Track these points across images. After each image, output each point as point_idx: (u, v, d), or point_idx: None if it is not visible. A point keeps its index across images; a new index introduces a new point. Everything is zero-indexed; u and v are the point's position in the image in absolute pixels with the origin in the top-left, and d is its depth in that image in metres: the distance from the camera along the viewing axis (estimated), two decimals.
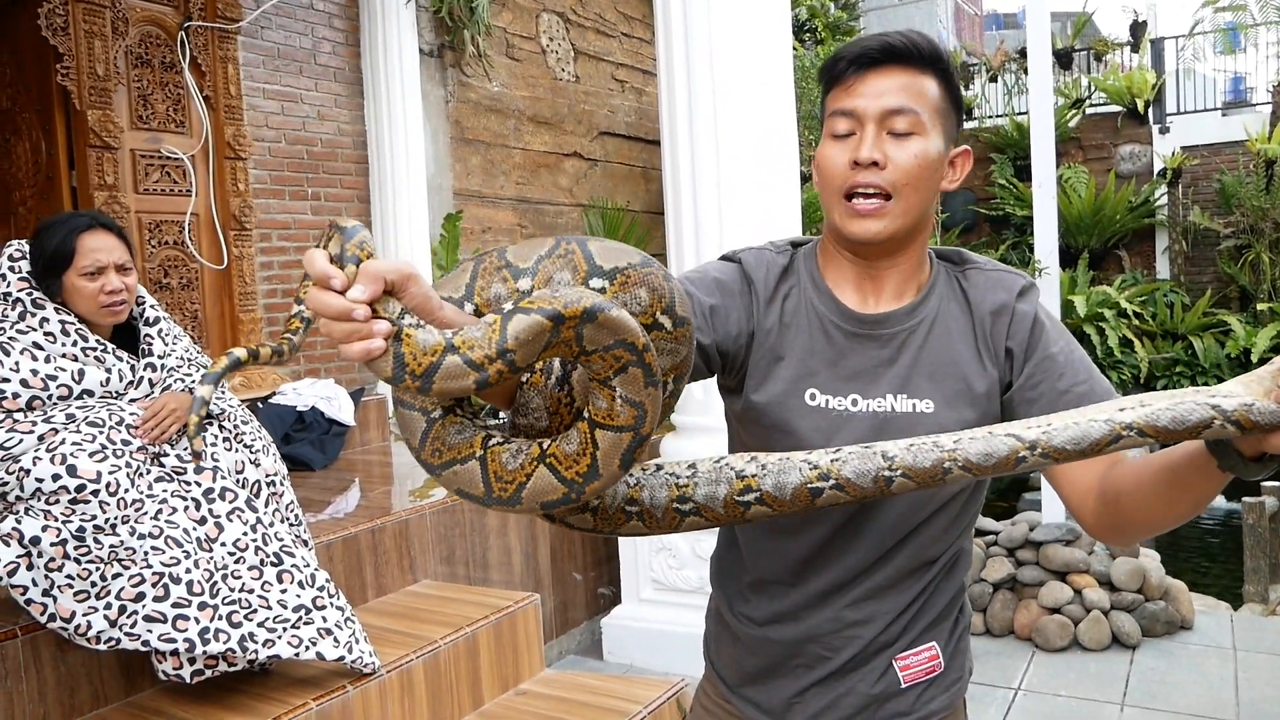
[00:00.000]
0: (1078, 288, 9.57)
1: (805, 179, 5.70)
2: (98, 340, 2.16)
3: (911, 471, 0.92)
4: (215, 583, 2.04)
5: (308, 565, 2.21)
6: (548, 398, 0.94)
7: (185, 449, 2.16)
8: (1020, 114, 10.56)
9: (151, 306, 2.30)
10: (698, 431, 3.34)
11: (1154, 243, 10.28)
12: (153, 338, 2.26)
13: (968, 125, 11.29)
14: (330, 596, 2.21)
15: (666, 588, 3.43)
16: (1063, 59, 11.02)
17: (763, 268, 1.20)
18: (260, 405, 3.86)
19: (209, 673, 2.05)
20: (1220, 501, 7.88)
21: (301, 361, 4.73)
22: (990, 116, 11.32)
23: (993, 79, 11.35)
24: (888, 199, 1.10)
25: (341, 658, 2.15)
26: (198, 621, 1.98)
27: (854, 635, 1.19)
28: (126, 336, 2.26)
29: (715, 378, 1.21)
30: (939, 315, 1.16)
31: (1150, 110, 10.32)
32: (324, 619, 2.17)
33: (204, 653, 1.98)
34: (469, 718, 2.46)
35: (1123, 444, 0.88)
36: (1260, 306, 9.32)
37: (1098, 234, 10.07)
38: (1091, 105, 10.76)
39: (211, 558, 2.06)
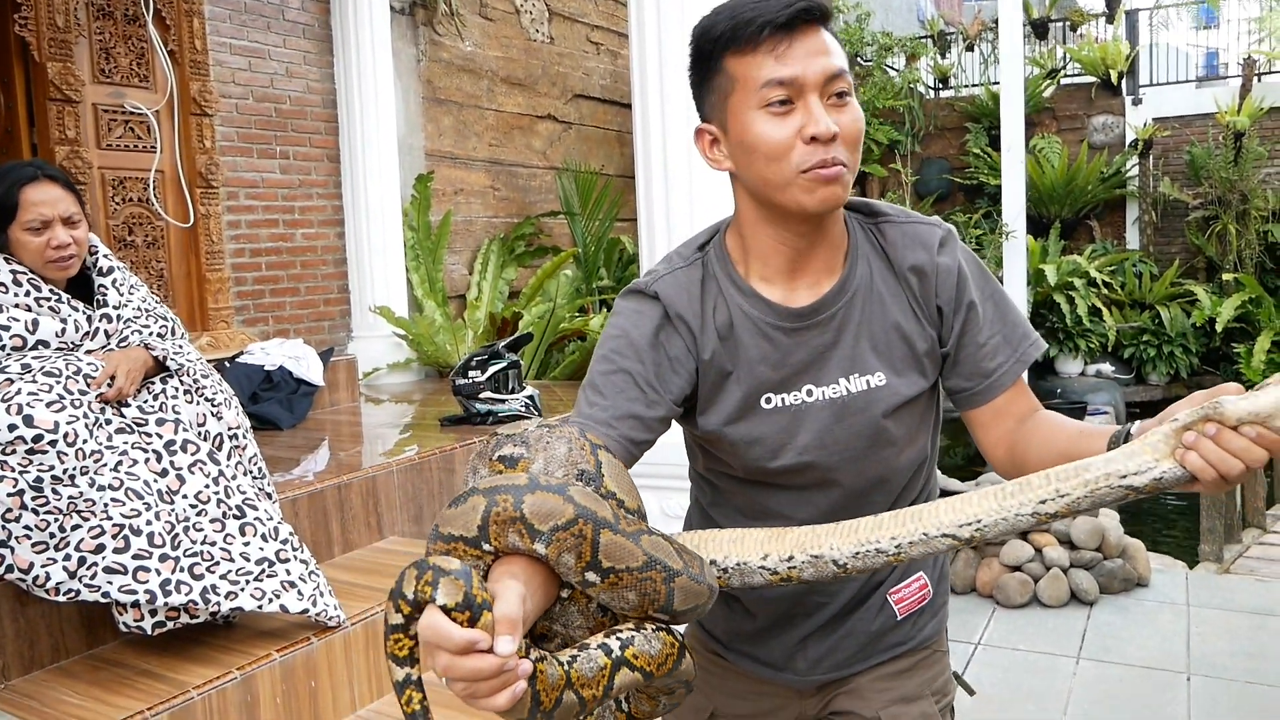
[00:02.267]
0: (1049, 257, 9.65)
1: None
2: (51, 290, 2.13)
3: (863, 570, 0.98)
4: (177, 535, 2.03)
5: (271, 518, 2.21)
6: (589, 617, 0.95)
7: (145, 400, 2.14)
8: (996, 84, 10.56)
9: (105, 256, 2.26)
10: None
11: (1124, 213, 10.37)
12: (107, 288, 2.23)
13: (944, 94, 11.29)
14: (294, 550, 2.22)
15: None
16: (1039, 29, 11.03)
17: (682, 294, 1.13)
18: (228, 365, 3.83)
19: (170, 624, 2.05)
20: None
21: (270, 323, 4.70)
22: (966, 86, 11.31)
23: (969, 48, 11.32)
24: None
25: (305, 610, 2.16)
26: (159, 573, 1.97)
27: (849, 579, 1.19)
28: (81, 287, 2.23)
29: None
30: (869, 280, 1.13)
31: (1124, 82, 10.36)
32: (287, 572, 2.17)
33: (165, 604, 1.98)
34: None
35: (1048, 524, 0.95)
36: (1226, 277, 9.44)
37: (1069, 204, 10.13)
38: (1066, 76, 10.79)
39: (173, 510, 2.05)
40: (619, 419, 1.06)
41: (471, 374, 3.53)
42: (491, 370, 3.53)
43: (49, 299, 2.12)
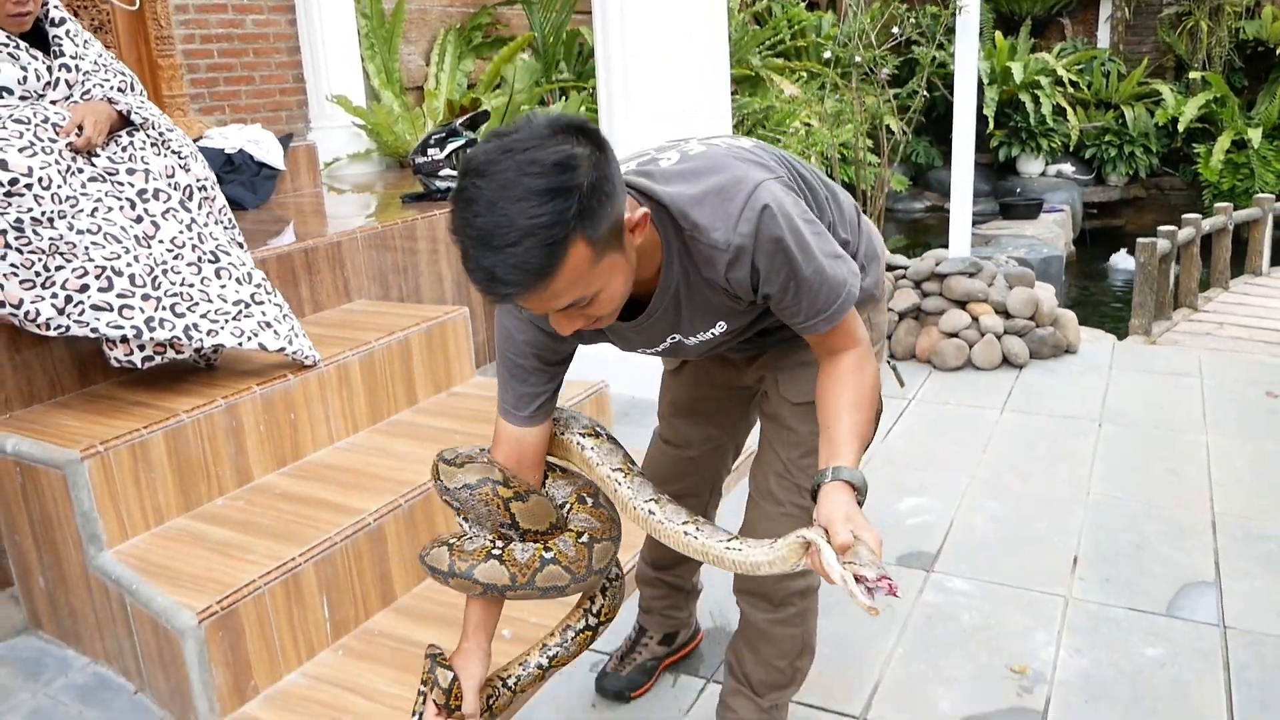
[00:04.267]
0: (1017, 55, 9.54)
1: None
2: (8, 37, 2.15)
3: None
4: (156, 276, 2.16)
5: (244, 264, 2.34)
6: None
7: (114, 152, 2.22)
8: None
9: (55, 7, 2.27)
10: None
11: (1098, 10, 10.18)
12: (61, 38, 2.25)
13: None
14: (268, 293, 2.36)
15: None
16: None
17: None
18: None
19: (158, 359, 2.21)
20: (1128, 261, 8.27)
21: (226, 111, 4.67)
22: None
23: None
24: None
25: (282, 348, 2.33)
26: (142, 311, 2.11)
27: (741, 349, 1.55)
28: (36, 39, 2.25)
29: None
30: (685, 278, 1.27)
31: None
32: (263, 313, 2.32)
33: (152, 339, 2.13)
34: (405, 412, 2.70)
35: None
36: (1193, 75, 9.43)
37: (1042, 0, 9.93)
38: None
39: (150, 254, 2.17)
40: (534, 411, 1.39)
41: (430, 152, 3.59)
42: (450, 148, 3.59)
43: (7, 45, 2.15)
